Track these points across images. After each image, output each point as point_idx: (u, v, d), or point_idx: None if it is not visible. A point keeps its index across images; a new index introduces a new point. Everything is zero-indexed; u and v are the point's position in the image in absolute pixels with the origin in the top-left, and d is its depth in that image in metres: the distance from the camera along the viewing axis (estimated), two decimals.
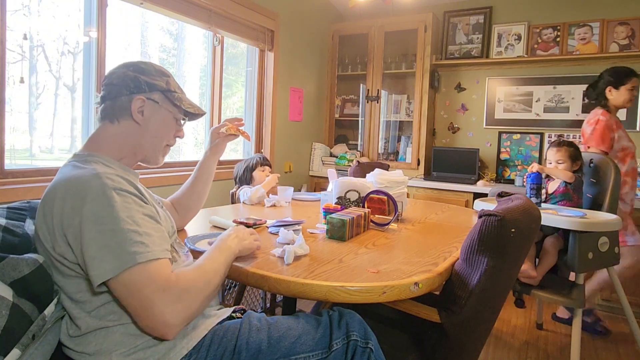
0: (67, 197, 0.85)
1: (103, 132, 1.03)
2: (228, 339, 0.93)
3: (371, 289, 0.96)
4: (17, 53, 1.80)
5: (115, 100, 1.02)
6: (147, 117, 1.04)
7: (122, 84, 1.02)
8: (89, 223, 0.82)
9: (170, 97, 1.08)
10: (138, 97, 1.02)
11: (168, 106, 1.08)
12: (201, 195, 1.43)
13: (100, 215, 0.83)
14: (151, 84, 1.05)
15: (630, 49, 3.08)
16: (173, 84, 1.10)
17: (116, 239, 0.82)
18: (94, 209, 0.83)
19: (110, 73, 1.05)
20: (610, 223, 1.79)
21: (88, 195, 0.84)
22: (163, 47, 2.69)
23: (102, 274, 0.80)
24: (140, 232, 0.84)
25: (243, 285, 2.25)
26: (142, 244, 0.83)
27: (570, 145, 2.15)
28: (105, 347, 0.87)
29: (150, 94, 1.04)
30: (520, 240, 1.11)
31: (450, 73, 3.76)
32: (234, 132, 1.42)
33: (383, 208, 1.62)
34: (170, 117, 1.09)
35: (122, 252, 0.81)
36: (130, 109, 1.02)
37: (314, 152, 3.85)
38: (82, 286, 0.89)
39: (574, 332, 1.85)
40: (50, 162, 2.03)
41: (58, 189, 0.87)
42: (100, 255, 0.81)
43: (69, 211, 0.84)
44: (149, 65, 1.08)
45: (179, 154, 2.78)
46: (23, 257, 0.89)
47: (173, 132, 1.12)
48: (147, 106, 1.04)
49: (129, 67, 1.05)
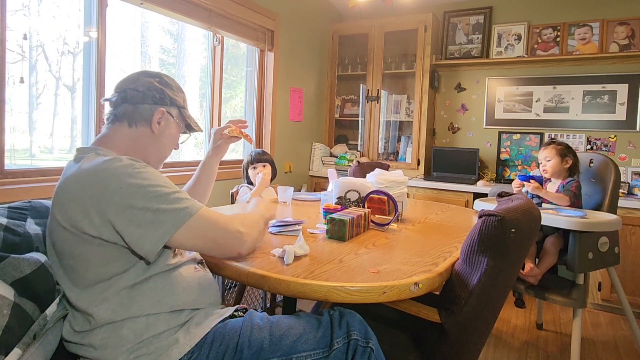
0: (99, 179, 0.89)
1: (116, 133, 1.07)
2: (230, 337, 0.94)
3: (371, 289, 0.96)
4: (17, 53, 1.80)
5: (138, 106, 1.08)
6: (162, 128, 1.12)
7: (148, 92, 1.09)
8: (134, 195, 0.88)
9: (184, 113, 1.18)
10: (160, 109, 1.10)
11: (180, 121, 1.17)
12: (203, 195, 1.43)
13: (142, 185, 0.89)
14: (173, 99, 1.14)
15: (630, 49, 3.08)
16: (186, 102, 1.21)
17: (166, 201, 0.90)
18: (134, 182, 0.89)
19: (133, 79, 1.10)
20: (610, 223, 1.79)
21: (121, 173, 0.89)
22: (163, 48, 2.69)
23: (164, 233, 0.88)
24: (179, 191, 0.95)
25: (243, 285, 2.25)
26: (188, 200, 0.94)
27: (558, 144, 2.17)
28: (112, 341, 0.89)
29: (170, 108, 1.13)
30: (520, 240, 1.11)
31: (450, 73, 3.76)
32: (237, 134, 1.43)
33: (383, 208, 1.62)
34: (178, 131, 1.19)
35: (176, 211, 0.90)
36: (151, 119, 1.09)
37: (314, 152, 3.85)
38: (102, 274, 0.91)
39: (574, 332, 1.85)
40: (50, 162, 2.03)
41: (85, 175, 0.90)
42: (157, 218, 0.88)
43: (106, 191, 0.87)
44: (172, 81, 1.16)
45: (180, 154, 2.78)
46: (24, 257, 0.89)
47: (174, 144, 1.20)
48: (164, 118, 1.11)
49: (155, 77, 1.12)
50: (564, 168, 2.15)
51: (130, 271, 0.92)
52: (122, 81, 1.10)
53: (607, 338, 2.45)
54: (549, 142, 2.20)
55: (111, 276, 0.91)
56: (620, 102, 3.13)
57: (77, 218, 0.88)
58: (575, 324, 1.86)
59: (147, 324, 0.91)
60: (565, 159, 2.15)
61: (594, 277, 2.77)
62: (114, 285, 0.91)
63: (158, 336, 0.91)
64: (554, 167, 2.15)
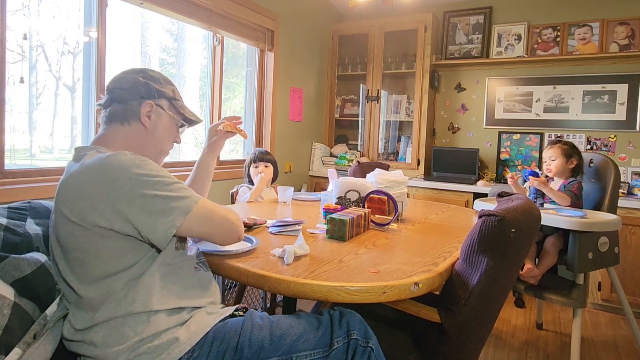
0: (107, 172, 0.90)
1: (112, 133, 1.08)
2: (231, 336, 0.94)
3: (371, 289, 0.96)
4: (17, 53, 1.80)
5: (126, 103, 1.09)
6: (153, 121, 1.11)
7: (133, 89, 1.09)
8: (142, 185, 0.90)
9: (175, 104, 1.16)
10: (147, 102, 1.09)
11: (172, 113, 1.16)
12: (201, 193, 1.43)
13: (149, 176, 0.92)
14: (160, 91, 1.12)
15: (630, 49, 3.08)
16: (177, 93, 1.19)
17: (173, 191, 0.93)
18: (141, 173, 0.91)
19: (118, 78, 1.11)
20: (610, 223, 1.79)
21: (128, 166, 0.91)
22: (163, 48, 2.69)
23: (174, 219, 0.91)
24: (180, 182, 0.98)
25: (243, 285, 2.25)
26: (189, 189, 0.98)
27: (565, 144, 2.16)
28: (113, 339, 0.90)
29: (159, 100, 1.12)
30: (520, 240, 1.11)
31: (450, 73, 3.76)
32: (231, 129, 1.43)
33: (383, 208, 1.62)
34: (173, 123, 1.17)
35: (181, 199, 0.94)
36: (139, 113, 1.09)
37: (314, 152, 3.85)
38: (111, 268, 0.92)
39: (574, 332, 1.85)
40: (50, 162, 2.03)
41: (92, 169, 0.92)
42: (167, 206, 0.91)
43: (115, 182, 0.89)
44: (157, 74, 1.15)
45: (179, 154, 2.78)
46: (24, 257, 0.89)
47: (173, 138, 1.19)
48: (154, 111, 1.11)
49: (139, 73, 1.12)
50: (568, 168, 2.15)
51: (135, 267, 0.93)
52: (109, 82, 1.12)
53: (607, 338, 2.45)
54: (555, 141, 2.19)
55: (118, 271, 0.92)
56: (620, 102, 3.13)
57: (86, 212, 0.89)
58: (575, 324, 1.86)
59: (147, 322, 0.91)
60: (571, 159, 2.14)
61: (594, 277, 2.77)
62: (119, 280, 0.92)
63: (159, 334, 0.91)
64: (559, 166, 2.14)
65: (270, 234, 1.43)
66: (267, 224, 1.53)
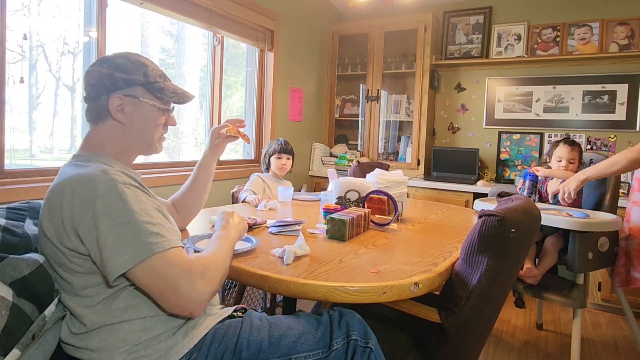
0: (77, 192, 0.85)
1: (92, 135, 1.03)
2: (229, 338, 0.93)
3: (371, 289, 0.96)
4: (17, 53, 1.80)
5: (96, 101, 1.00)
6: (129, 114, 1.01)
7: (99, 83, 0.99)
8: (103, 216, 0.83)
9: (150, 88, 1.03)
10: (115, 96, 0.99)
11: (150, 99, 1.03)
12: (201, 195, 1.42)
13: (113, 208, 0.83)
14: (127, 79, 1.00)
15: (630, 49, 3.08)
16: (152, 73, 1.04)
17: (133, 231, 0.83)
18: (107, 203, 0.84)
19: (87, 72, 1.02)
20: (610, 223, 1.78)
21: (99, 190, 0.84)
22: (163, 48, 2.69)
23: (121, 264, 0.81)
24: (154, 223, 0.86)
25: (243, 285, 2.25)
26: (158, 235, 0.85)
27: (579, 146, 2.18)
28: (109, 344, 0.88)
29: (128, 89, 1.00)
30: (520, 240, 1.11)
31: (450, 73, 3.76)
32: (234, 134, 1.42)
33: (383, 208, 1.62)
34: (154, 109, 1.04)
35: (139, 243, 0.82)
36: (109, 109, 0.99)
37: (314, 152, 3.85)
38: (90, 282, 0.89)
39: (574, 332, 1.85)
40: (50, 162, 2.03)
41: (65, 185, 0.87)
42: (118, 247, 0.81)
43: (80, 205, 0.84)
44: (124, 59, 1.01)
45: (179, 154, 2.78)
46: (23, 257, 0.89)
47: (162, 123, 1.07)
48: (126, 103, 1.00)
49: (103, 64, 1.00)
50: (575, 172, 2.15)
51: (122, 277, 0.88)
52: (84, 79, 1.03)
53: (607, 338, 2.45)
54: (572, 142, 2.16)
55: (98, 283, 0.89)
56: (620, 102, 3.13)
57: (57, 229, 0.87)
58: (575, 324, 1.86)
59: (144, 326, 0.90)
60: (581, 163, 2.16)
61: (594, 277, 2.76)
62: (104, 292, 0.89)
63: (156, 338, 0.90)
64: (575, 170, 2.13)
65: (270, 234, 1.43)
66: (267, 223, 1.53)
